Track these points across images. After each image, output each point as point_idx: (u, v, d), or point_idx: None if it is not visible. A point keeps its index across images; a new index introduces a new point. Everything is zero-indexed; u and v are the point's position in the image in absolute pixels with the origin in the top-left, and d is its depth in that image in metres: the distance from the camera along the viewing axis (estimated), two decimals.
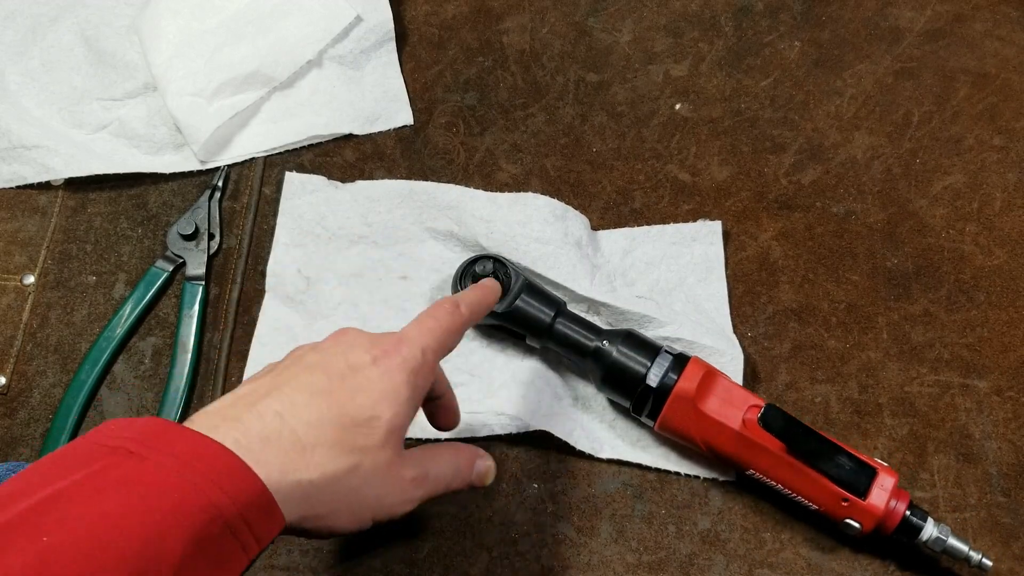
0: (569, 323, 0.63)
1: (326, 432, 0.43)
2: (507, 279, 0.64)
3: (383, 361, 0.46)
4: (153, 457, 0.37)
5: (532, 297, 0.63)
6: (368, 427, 0.44)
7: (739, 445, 0.59)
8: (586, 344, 0.62)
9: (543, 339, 0.64)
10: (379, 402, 0.45)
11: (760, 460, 0.58)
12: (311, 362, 0.46)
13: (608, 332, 0.62)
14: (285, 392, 0.43)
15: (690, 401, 0.59)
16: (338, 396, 0.44)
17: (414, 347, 0.48)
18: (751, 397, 0.60)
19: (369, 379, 0.45)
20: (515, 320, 0.63)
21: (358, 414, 0.44)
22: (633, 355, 0.61)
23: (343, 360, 0.46)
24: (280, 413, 0.42)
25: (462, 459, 0.51)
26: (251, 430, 0.41)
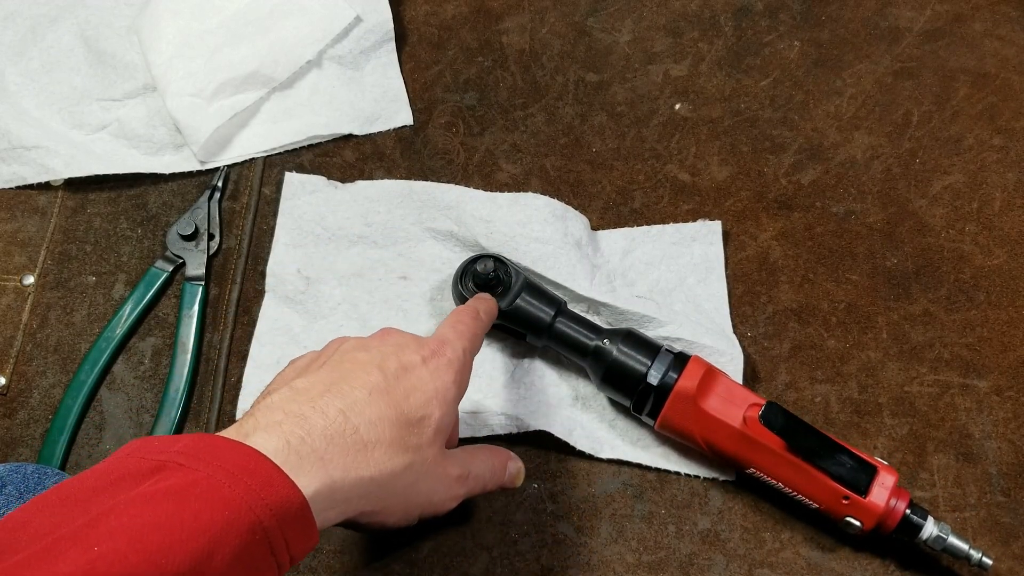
0: (569, 322, 0.63)
1: (385, 431, 0.44)
2: (507, 278, 0.64)
3: (432, 361, 0.48)
4: (203, 470, 0.37)
5: (532, 296, 0.63)
6: (420, 426, 0.46)
7: (740, 443, 0.59)
8: (586, 343, 0.62)
9: (543, 338, 0.64)
10: (430, 401, 0.46)
11: (761, 458, 0.58)
12: (364, 360, 0.47)
13: (608, 331, 0.62)
14: (345, 389, 0.44)
15: (691, 399, 0.59)
16: (395, 395, 0.45)
17: (456, 348, 0.50)
18: (752, 396, 0.60)
19: (421, 379, 0.47)
20: (515, 319, 0.63)
21: (412, 413, 0.45)
22: (633, 354, 0.61)
23: (396, 359, 0.47)
24: (343, 411, 0.43)
25: (497, 460, 0.54)
26: (315, 427, 0.41)
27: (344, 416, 0.43)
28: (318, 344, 0.66)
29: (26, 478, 0.50)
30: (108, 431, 0.66)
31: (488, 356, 0.67)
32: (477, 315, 0.55)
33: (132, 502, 0.35)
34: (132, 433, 0.66)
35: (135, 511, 0.35)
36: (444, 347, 0.49)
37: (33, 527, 0.35)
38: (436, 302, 0.68)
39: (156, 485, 0.36)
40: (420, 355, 0.48)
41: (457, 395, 0.49)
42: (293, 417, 0.41)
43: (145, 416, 0.67)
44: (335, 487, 0.41)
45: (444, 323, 0.53)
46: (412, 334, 0.51)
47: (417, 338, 0.50)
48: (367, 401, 0.44)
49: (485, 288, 0.63)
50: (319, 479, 0.40)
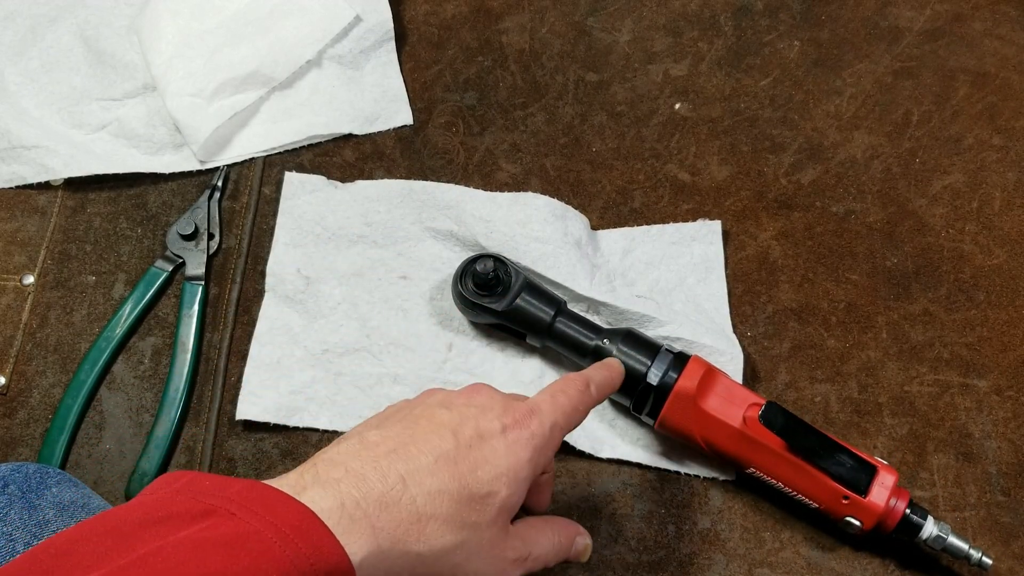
0: (569, 322, 0.63)
1: (443, 505, 0.41)
2: (507, 278, 0.64)
3: (512, 432, 0.45)
4: (255, 523, 0.36)
5: (532, 296, 0.63)
6: (483, 503, 0.43)
7: (740, 443, 0.59)
8: (586, 343, 0.62)
9: (543, 338, 0.64)
10: (499, 478, 0.43)
11: (761, 458, 0.58)
12: (442, 420, 0.44)
13: (608, 331, 0.62)
14: (412, 452, 0.42)
15: (691, 399, 0.59)
16: (461, 467, 0.42)
17: (544, 423, 0.46)
18: (751, 395, 0.60)
19: (495, 451, 0.44)
20: (515, 319, 0.63)
21: (477, 489, 0.43)
22: (633, 354, 0.61)
23: (474, 425, 0.44)
24: (403, 477, 0.41)
25: (564, 538, 0.50)
26: (373, 491, 0.40)
27: (403, 483, 0.40)
28: (318, 344, 0.67)
29: (28, 478, 0.50)
30: (108, 431, 0.66)
31: (488, 356, 0.67)
32: (586, 388, 0.50)
33: (181, 545, 0.34)
34: (132, 433, 0.66)
35: (184, 556, 0.34)
36: (531, 418, 0.45)
37: (77, 557, 0.34)
38: (436, 301, 0.68)
39: (206, 532, 0.35)
40: (502, 423, 0.45)
41: (530, 474, 0.45)
42: (353, 476, 0.40)
43: (145, 416, 0.67)
44: (382, 556, 0.39)
45: (547, 388, 0.49)
46: (502, 395, 0.47)
47: (507, 401, 0.46)
48: (431, 469, 0.41)
49: (485, 288, 0.63)
50: (367, 547, 0.38)
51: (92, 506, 0.51)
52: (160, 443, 0.65)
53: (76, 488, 0.52)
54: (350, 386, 0.66)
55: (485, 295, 0.63)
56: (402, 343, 0.67)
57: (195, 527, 0.35)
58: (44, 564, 0.34)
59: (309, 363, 0.66)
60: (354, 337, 0.67)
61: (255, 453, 0.65)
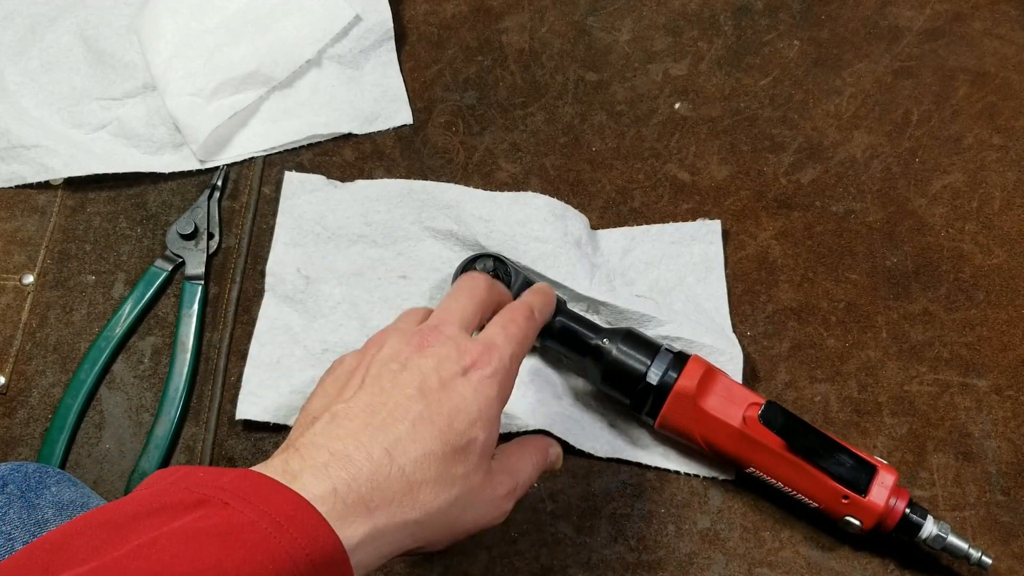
0: (569, 321, 0.63)
1: (431, 467, 0.41)
2: (507, 277, 0.64)
3: (474, 373, 0.44)
4: (248, 513, 0.35)
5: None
6: (465, 453, 0.43)
7: (739, 442, 0.59)
8: (586, 342, 0.62)
9: (543, 337, 0.64)
10: (474, 424, 0.43)
11: (760, 457, 0.58)
12: (404, 380, 0.43)
13: (608, 330, 0.62)
14: (388, 422, 0.42)
15: (690, 399, 0.59)
16: (438, 424, 0.42)
17: (504, 355, 0.46)
18: (751, 395, 0.60)
19: (464, 398, 0.43)
20: None
21: (457, 441, 0.42)
22: (633, 353, 0.61)
23: (437, 378, 0.43)
24: (387, 450, 0.40)
25: (540, 455, 0.50)
26: (362, 472, 0.39)
27: (389, 457, 0.40)
28: (317, 343, 0.67)
29: (27, 477, 0.50)
30: (108, 430, 0.66)
31: None
32: (531, 314, 0.50)
33: (175, 536, 0.34)
34: (132, 432, 0.66)
35: (178, 548, 0.33)
36: (489, 355, 0.45)
37: (72, 550, 0.34)
38: (436, 301, 0.68)
39: (200, 522, 0.35)
40: (462, 365, 0.44)
41: (500, 409, 0.45)
42: (339, 459, 0.39)
43: (145, 415, 0.67)
44: (379, 533, 0.39)
45: (495, 321, 0.48)
46: (454, 333, 0.46)
47: (458, 343, 0.45)
48: (411, 436, 0.41)
49: None
50: (364, 529, 0.38)
51: (91, 505, 0.51)
52: (160, 443, 0.65)
53: (75, 488, 0.52)
54: None
55: None
56: None
57: (188, 517, 0.35)
58: (39, 559, 0.34)
59: (309, 363, 0.66)
60: (354, 337, 0.67)
61: (255, 453, 0.65)
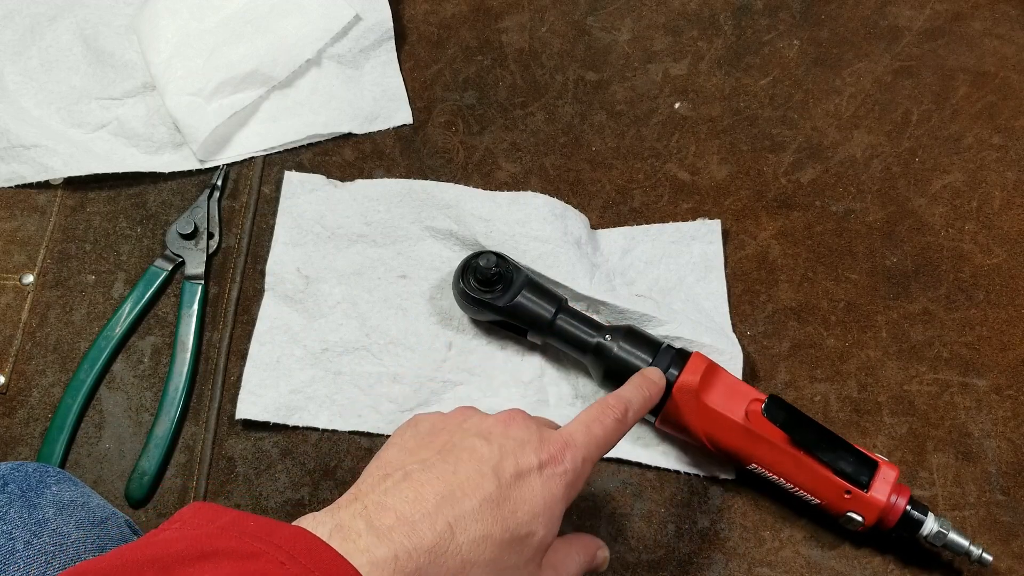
0: (570, 319, 0.63)
1: (487, 550, 0.42)
2: (508, 274, 0.64)
3: (548, 468, 0.45)
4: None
5: (534, 293, 0.64)
6: (522, 544, 0.43)
7: (742, 437, 0.59)
8: (587, 340, 0.62)
9: (545, 335, 0.64)
10: (537, 517, 0.43)
11: (763, 452, 0.58)
12: (483, 456, 0.44)
13: (609, 328, 0.63)
14: (458, 496, 0.42)
15: (693, 394, 0.59)
16: (504, 509, 0.43)
17: (577, 457, 0.46)
18: (753, 391, 0.60)
19: (532, 490, 0.44)
20: (516, 315, 0.63)
21: (517, 531, 0.43)
22: (635, 351, 0.61)
23: (514, 463, 0.44)
24: (451, 524, 0.41)
25: (587, 555, 0.50)
26: (424, 542, 0.40)
27: (451, 531, 0.41)
28: (317, 343, 0.67)
29: (28, 477, 0.50)
30: (107, 430, 0.66)
31: (488, 354, 0.67)
32: (624, 416, 0.50)
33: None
34: (132, 432, 0.66)
35: None
36: (566, 452, 0.45)
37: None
38: (435, 300, 0.68)
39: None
40: (539, 458, 0.44)
41: (564, 508, 0.45)
42: (404, 524, 0.40)
43: (145, 415, 0.67)
44: None
45: (583, 416, 0.49)
46: (538, 424, 0.47)
47: (542, 432, 0.46)
48: (476, 515, 0.42)
49: (487, 284, 0.63)
50: None
51: (92, 505, 0.51)
52: (160, 442, 0.65)
53: (76, 487, 0.52)
54: (349, 385, 0.66)
55: (487, 292, 0.64)
56: (401, 342, 0.67)
57: (242, 566, 0.35)
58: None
59: (309, 362, 0.66)
60: (354, 336, 0.67)
61: (255, 452, 0.65)
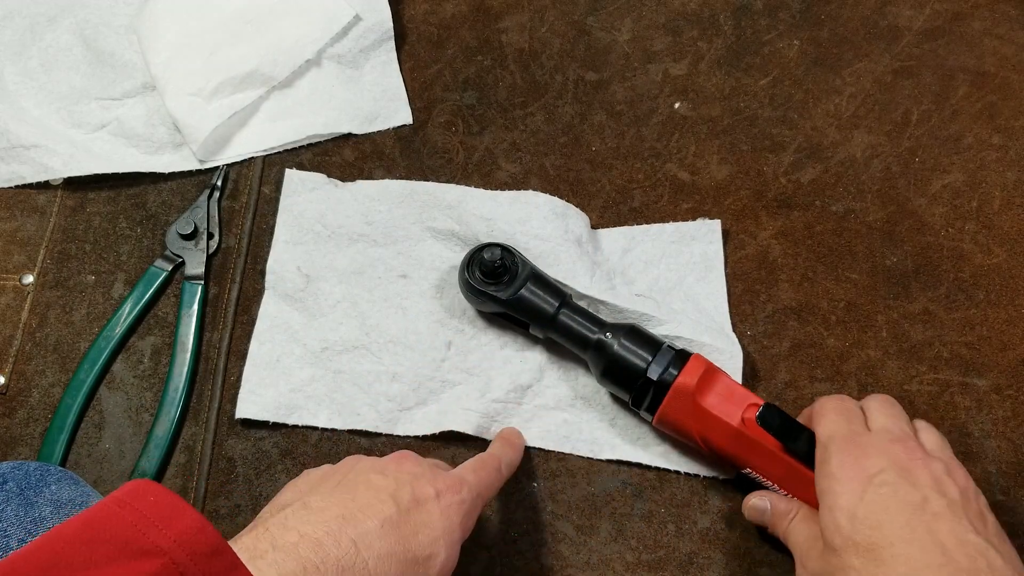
0: (573, 315, 0.63)
1: (391, 568, 0.44)
2: (514, 267, 0.64)
3: (445, 497, 0.48)
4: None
5: (537, 286, 0.64)
6: (425, 565, 0.45)
7: (737, 442, 0.59)
8: (588, 336, 0.62)
9: (546, 329, 0.64)
10: (437, 540, 0.46)
11: (757, 458, 0.59)
12: (379, 486, 0.47)
13: (611, 325, 0.63)
14: (359, 517, 0.44)
15: (690, 396, 0.59)
16: (404, 530, 0.45)
17: (472, 491, 0.50)
18: (750, 395, 0.60)
19: (431, 515, 0.47)
20: (519, 308, 0.64)
21: (419, 552, 0.45)
22: (635, 349, 0.61)
23: (410, 491, 0.47)
24: (355, 541, 0.43)
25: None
26: (330, 556, 0.41)
27: (355, 548, 0.43)
28: (317, 342, 0.67)
29: (28, 475, 0.50)
30: (107, 430, 0.66)
31: (487, 355, 0.67)
32: (499, 470, 0.55)
33: None
34: (131, 432, 0.66)
35: None
36: (461, 486, 0.49)
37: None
38: (436, 300, 0.68)
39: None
40: (434, 488, 0.48)
41: (461, 538, 0.48)
42: (308, 541, 0.42)
43: (144, 415, 0.67)
44: None
45: (466, 464, 0.53)
46: (429, 463, 0.51)
47: (434, 469, 0.50)
48: (378, 534, 0.44)
49: (491, 276, 0.64)
50: None
51: (91, 504, 0.51)
52: (160, 443, 0.65)
53: (76, 486, 0.52)
54: (349, 384, 0.66)
55: (491, 283, 0.64)
56: (401, 341, 0.67)
57: (133, 566, 0.34)
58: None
59: (308, 361, 0.66)
60: (353, 335, 0.67)
61: (255, 453, 0.65)
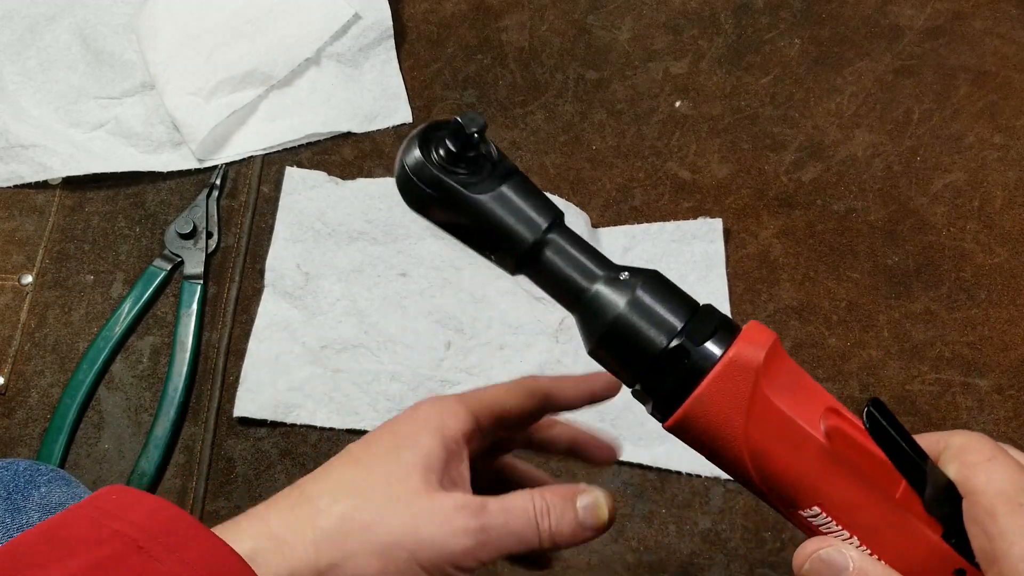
0: (566, 243, 0.38)
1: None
2: (490, 157, 0.39)
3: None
4: (165, 561, 0.32)
5: (519, 194, 0.38)
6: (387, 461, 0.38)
7: (816, 464, 0.36)
8: (582, 283, 0.37)
9: (521, 261, 0.38)
10: (402, 442, 0.38)
11: (842, 491, 0.36)
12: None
13: (623, 268, 0.37)
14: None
15: (751, 380, 0.35)
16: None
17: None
18: (825, 394, 0.37)
19: (397, 421, 0.39)
20: (487, 221, 0.37)
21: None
22: (658, 309, 0.36)
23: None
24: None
25: (548, 496, 0.38)
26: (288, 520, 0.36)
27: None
28: (316, 340, 0.66)
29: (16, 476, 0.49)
30: (106, 430, 0.66)
31: (485, 355, 0.66)
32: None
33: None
34: (131, 432, 0.66)
35: None
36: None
37: None
38: (436, 299, 0.68)
39: (107, 566, 0.32)
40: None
41: (440, 429, 0.39)
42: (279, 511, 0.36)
43: (144, 415, 0.66)
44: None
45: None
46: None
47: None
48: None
49: (457, 159, 0.38)
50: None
51: None
52: (159, 443, 0.65)
53: (67, 487, 0.51)
54: (348, 383, 0.65)
55: (458, 170, 0.38)
56: (400, 340, 0.66)
57: (99, 552, 0.32)
58: None
59: (307, 359, 0.66)
60: (353, 334, 0.67)
61: (254, 453, 0.65)
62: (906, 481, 0.35)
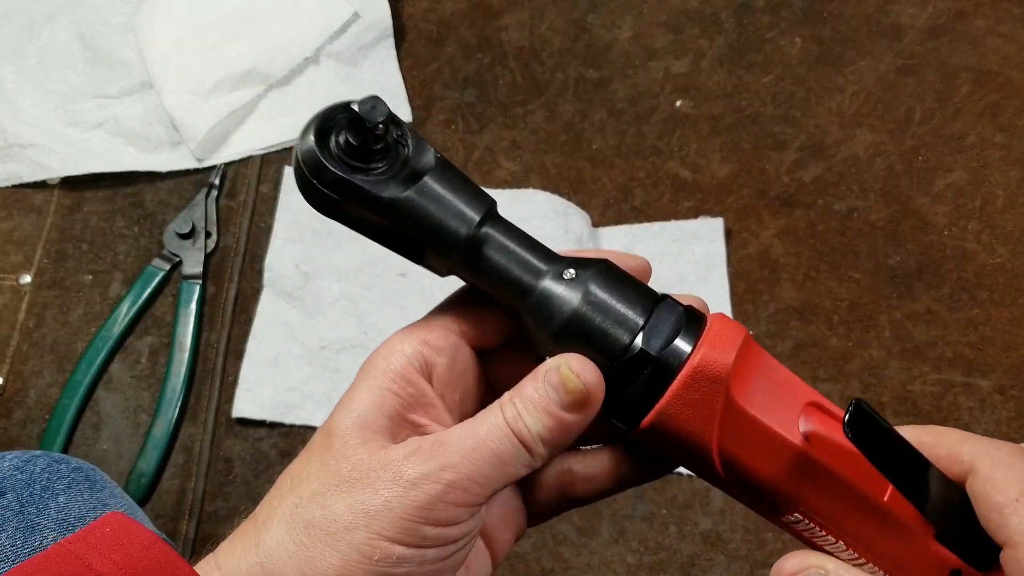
0: (504, 238, 0.33)
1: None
2: (404, 143, 0.32)
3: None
4: None
5: (444, 185, 0.33)
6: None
7: (794, 469, 0.33)
8: (525, 280, 0.33)
9: (456, 260, 0.33)
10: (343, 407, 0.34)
11: (822, 496, 0.33)
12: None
13: (571, 260, 0.33)
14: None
15: (720, 387, 0.32)
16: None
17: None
18: (807, 388, 0.34)
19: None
20: (412, 218, 0.32)
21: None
22: (615, 301, 0.32)
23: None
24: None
25: (517, 394, 0.33)
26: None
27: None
28: (315, 340, 0.66)
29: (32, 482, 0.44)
30: (105, 431, 0.66)
31: None
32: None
33: None
34: (129, 433, 0.66)
35: None
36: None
37: None
38: (436, 300, 0.68)
39: None
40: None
41: (374, 383, 0.35)
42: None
43: (142, 416, 0.66)
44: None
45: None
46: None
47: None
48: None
49: (364, 154, 0.32)
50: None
51: (104, 515, 0.46)
52: (158, 443, 0.64)
53: (90, 492, 0.46)
54: (347, 383, 0.65)
55: (367, 167, 0.32)
56: None
57: None
58: None
59: (306, 359, 0.66)
60: (352, 333, 0.66)
61: (253, 453, 0.64)
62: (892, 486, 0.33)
